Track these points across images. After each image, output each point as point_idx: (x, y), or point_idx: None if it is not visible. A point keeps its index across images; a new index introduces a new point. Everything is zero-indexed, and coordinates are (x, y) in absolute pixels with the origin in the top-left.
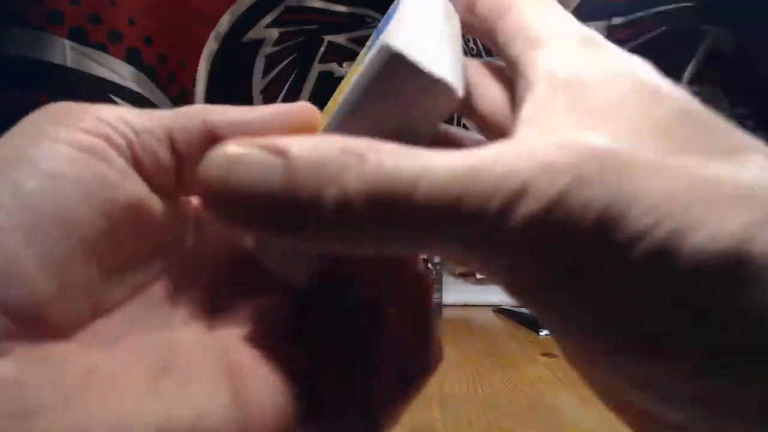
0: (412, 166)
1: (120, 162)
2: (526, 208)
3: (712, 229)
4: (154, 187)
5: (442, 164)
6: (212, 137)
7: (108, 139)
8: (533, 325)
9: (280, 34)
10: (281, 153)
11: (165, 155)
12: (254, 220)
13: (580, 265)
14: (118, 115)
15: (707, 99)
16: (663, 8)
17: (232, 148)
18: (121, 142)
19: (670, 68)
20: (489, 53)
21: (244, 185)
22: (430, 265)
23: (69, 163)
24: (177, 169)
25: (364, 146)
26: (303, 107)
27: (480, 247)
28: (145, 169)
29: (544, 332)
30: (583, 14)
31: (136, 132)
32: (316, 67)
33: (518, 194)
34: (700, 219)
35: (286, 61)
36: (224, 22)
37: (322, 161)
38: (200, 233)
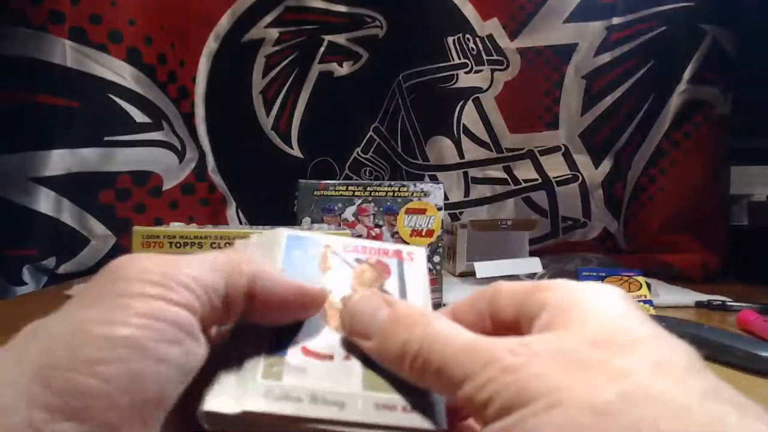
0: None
1: (198, 331)
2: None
3: None
4: (204, 329)
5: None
6: (252, 294)
7: (193, 309)
8: None
9: (280, 34)
10: (390, 304)
11: (220, 306)
12: (359, 332)
13: None
14: (192, 275)
15: (707, 99)
16: (663, 8)
17: (366, 292)
18: (197, 306)
19: (670, 68)
20: (489, 54)
21: (364, 312)
22: (429, 265)
23: (171, 344)
24: (224, 311)
25: (432, 316)
26: (321, 293)
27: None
28: (206, 320)
29: None
30: (583, 14)
31: (207, 293)
32: (316, 67)
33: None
34: None
35: (286, 61)
36: (224, 22)
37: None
38: None
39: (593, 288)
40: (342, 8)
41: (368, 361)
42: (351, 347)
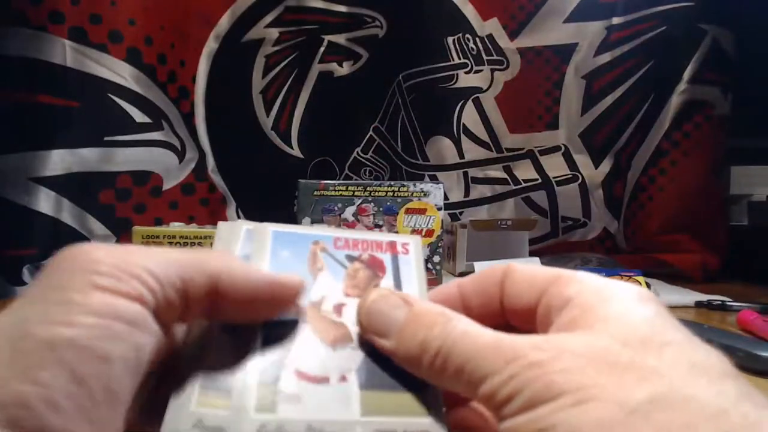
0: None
1: (152, 324)
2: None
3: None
4: (160, 323)
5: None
6: (215, 290)
7: (143, 301)
8: None
9: (280, 34)
10: (408, 303)
11: (177, 301)
12: (377, 331)
13: None
14: (145, 266)
15: (707, 99)
16: (663, 8)
17: (382, 290)
18: (150, 298)
19: (670, 68)
20: (489, 54)
21: (382, 311)
22: (429, 265)
23: (115, 340)
24: (182, 308)
25: (452, 314)
26: (294, 283)
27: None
28: (161, 315)
29: None
30: (583, 14)
31: (161, 285)
32: (316, 67)
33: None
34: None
35: (286, 61)
36: (224, 22)
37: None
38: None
39: (621, 287)
40: (342, 8)
41: (366, 381)
42: (346, 364)
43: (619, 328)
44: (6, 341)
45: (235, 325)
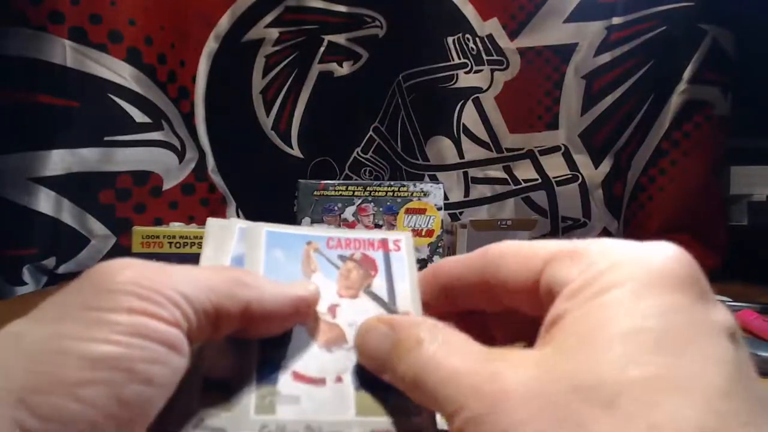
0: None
1: (186, 349)
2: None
3: None
4: (190, 345)
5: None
6: (246, 315)
7: (178, 326)
8: None
9: (280, 34)
10: (392, 327)
11: (207, 326)
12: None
13: None
14: (180, 291)
15: (707, 99)
16: (663, 8)
17: (372, 321)
18: (184, 324)
19: (670, 68)
20: (489, 54)
21: (371, 345)
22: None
23: (157, 363)
24: (210, 331)
25: (426, 332)
26: (313, 295)
27: None
28: (192, 338)
29: None
30: (583, 14)
31: (195, 310)
32: (316, 67)
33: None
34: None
35: (285, 61)
36: (224, 22)
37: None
38: None
39: (639, 264)
40: (342, 8)
41: (361, 382)
42: (341, 365)
43: (585, 358)
44: (44, 355)
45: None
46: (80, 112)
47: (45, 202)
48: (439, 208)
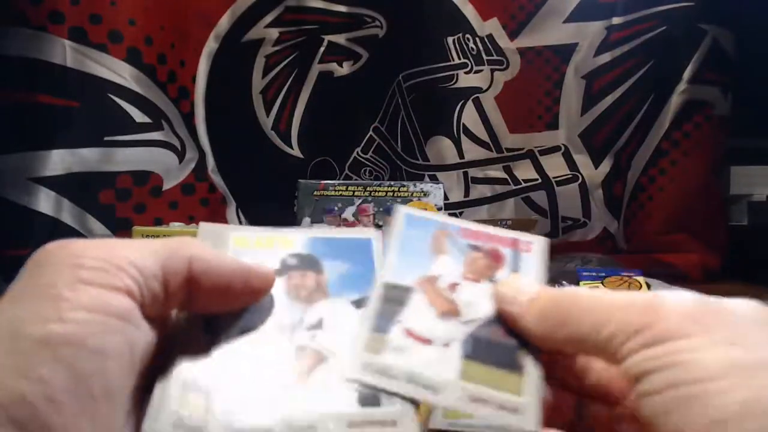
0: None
1: (140, 318)
2: None
3: None
4: (147, 317)
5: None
6: (191, 277)
7: (131, 294)
8: None
9: (280, 34)
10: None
11: (160, 292)
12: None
13: None
14: (128, 258)
15: (707, 99)
16: (663, 8)
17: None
18: (136, 291)
19: (670, 68)
20: (489, 54)
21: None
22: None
23: (109, 335)
24: (163, 298)
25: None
26: (267, 273)
27: None
28: (146, 307)
29: None
30: (583, 14)
31: (144, 276)
32: (316, 67)
33: None
34: None
35: (285, 61)
36: (224, 22)
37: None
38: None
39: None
40: (342, 8)
41: (469, 353)
42: (451, 334)
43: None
44: (1, 340)
45: (216, 325)
46: (80, 112)
47: (45, 202)
48: (439, 208)
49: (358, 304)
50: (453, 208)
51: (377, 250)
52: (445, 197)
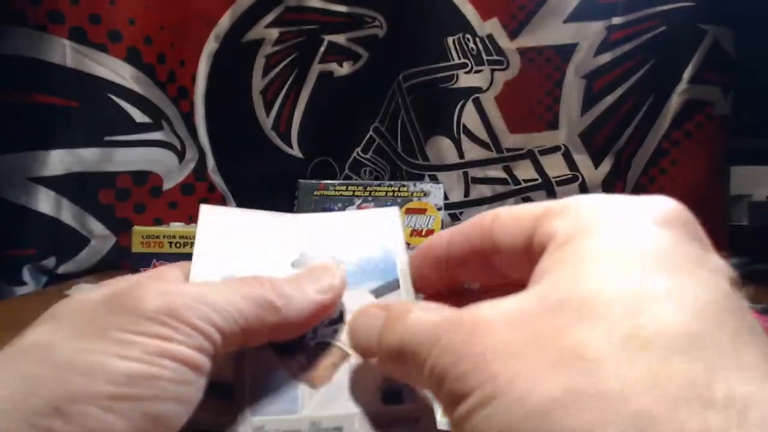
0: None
1: (209, 368)
2: None
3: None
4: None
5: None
6: (275, 327)
7: (207, 352)
8: None
9: (280, 34)
10: (383, 307)
11: (239, 339)
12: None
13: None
14: (210, 320)
15: (707, 99)
16: (663, 8)
17: (366, 306)
18: (211, 350)
19: (670, 68)
20: (489, 54)
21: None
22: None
23: (183, 385)
24: (242, 342)
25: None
26: (336, 296)
27: None
28: (218, 356)
29: None
30: (583, 14)
31: (223, 336)
32: (316, 67)
33: None
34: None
35: (285, 61)
36: (224, 22)
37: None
38: None
39: (628, 210)
40: (342, 8)
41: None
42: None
43: (568, 279)
44: (79, 366)
45: (274, 353)
46: (80, 112)
47: (45, 202)
48: (439, 208)
49: (378, 293)
50: (453, 208)
51: (396, 229)
52: (445, 197)
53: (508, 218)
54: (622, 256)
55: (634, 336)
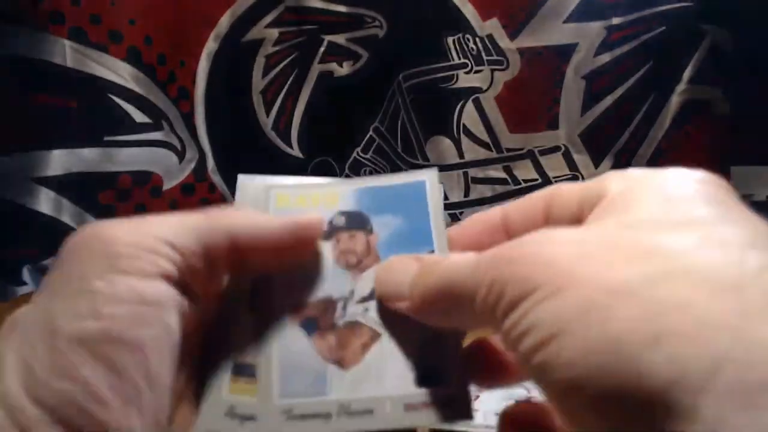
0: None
1: (177, 300)
2: None
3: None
4: (187, 293)
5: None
6: (236, 248)
7: (166, 276)
8: None
9: (280, 34)
10: (418, 259)
11: (201, 267)
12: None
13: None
14: (164, 238)
15: (707, 99)
16: (663, 8)
17: (397, 256)
18: (174, 272)
19: (670, 68)
20: (489, 54)
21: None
22: None
23: (145, 326)
24: (206, 272)
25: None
26: (314, 222)
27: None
28: (186, 284)
29: None
30: (583, 14)
31: (183, 255)
32: (316, 67)
33: None
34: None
35: (285, 61)
36: (224, 22)
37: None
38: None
39: (669, 172)
40: (342, 8)
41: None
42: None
43: (635, 213)
44: (38, 340)
45: (263, 302)
46: (80, 112)
47: (45, 202)
48: None
49: None
50: (453, 208)
51: (432, 194)
52: (445, 197)
53: (568, 193)
54: (677, 197)
55: (706, 239)
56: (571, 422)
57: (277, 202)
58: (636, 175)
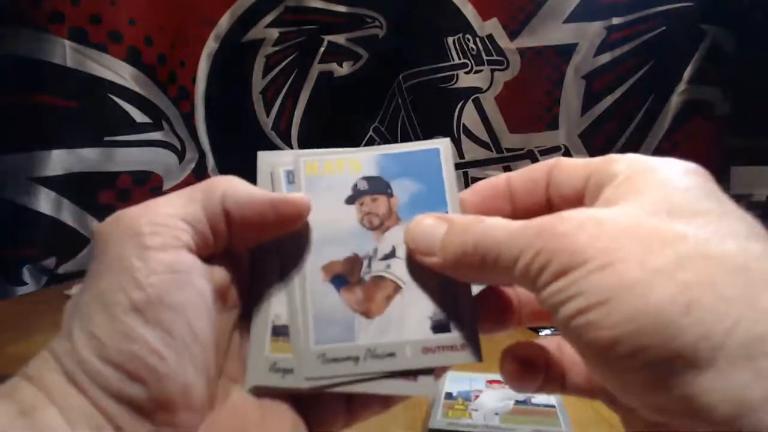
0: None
1: (201, 266)
2: None
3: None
4: (205, 261)
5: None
6: (226, 213)
7: (188, 247)
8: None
9: (280, 34)
10: (448, 220)
11: (209, 233)
12: (423, 251)
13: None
14: (178, 215)
15: (707, 99)
16: (663, 8)
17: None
18: (192, 242)
19: (670, 68)
20: (489, 54)
21: (426, 232)
22: None
23: (180, 290)
24: (214, 239)
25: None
26: (300, 201)
27: None
28: (203, 251)
29: (544, 332)
30: (583, 14)
31: (193, 226)
32: (316, 67)
33: None
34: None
35: (285, 61)
36: (224, 22)
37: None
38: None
39: (667, 162)
40: (342, 8)
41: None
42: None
43: (652, 199)
44: (98, 314)
45: (291, 261)
46: (80, 112)
47: (45, 202)
48: None
49: None
50: None
51: (446, 161)
52: None
53: (569, 166)
54: (683, 188)
55: (719, 230)
56: (604, 374)
57: (307, 170)
58: (641, 160)
